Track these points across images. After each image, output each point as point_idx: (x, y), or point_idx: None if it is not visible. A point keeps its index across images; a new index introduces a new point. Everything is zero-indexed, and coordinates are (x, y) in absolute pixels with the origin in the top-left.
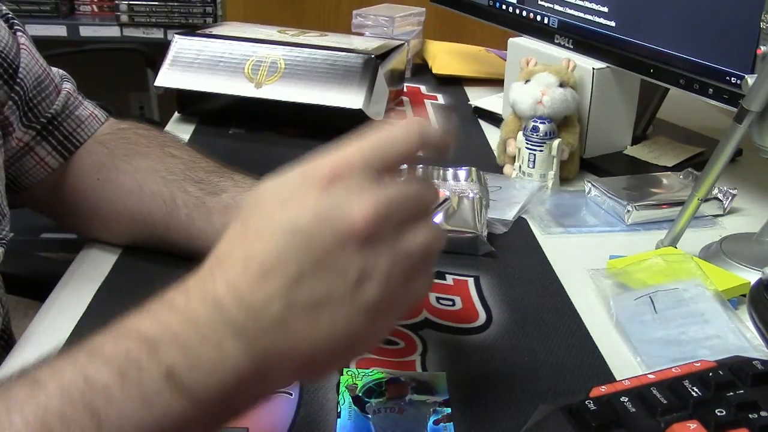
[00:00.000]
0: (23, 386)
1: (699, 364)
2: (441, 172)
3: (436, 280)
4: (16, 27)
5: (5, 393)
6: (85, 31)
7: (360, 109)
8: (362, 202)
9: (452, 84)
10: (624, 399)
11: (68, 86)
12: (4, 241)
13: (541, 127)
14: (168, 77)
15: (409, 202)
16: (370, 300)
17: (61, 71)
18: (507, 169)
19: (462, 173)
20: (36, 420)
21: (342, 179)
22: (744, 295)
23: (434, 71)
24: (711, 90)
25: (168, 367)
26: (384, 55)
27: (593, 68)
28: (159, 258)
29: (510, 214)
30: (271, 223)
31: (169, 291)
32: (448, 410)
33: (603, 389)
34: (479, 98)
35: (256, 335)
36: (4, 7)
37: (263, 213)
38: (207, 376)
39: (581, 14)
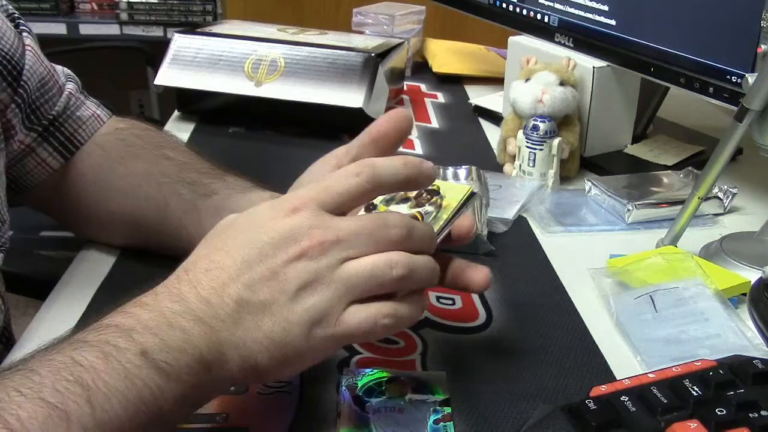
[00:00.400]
0: (16, 374)
1: (699, 364)
2: (440, 171)
3: None
4: (22, 27)
5: (1, 381)
6: (85, 29)
7: (360, 108)
8: (312, 228)
9: (452, 82)
10: (624, 398)
11: (71, 86)
12: (4, 247)
13: (542, 125)
14: (168, 75)
15: (358, 234)
16: (306, 310)
17: (66, 70)
18: (507, 167)
19: (462, 172)
20: (33, 393)
21: (300, 212)
22: (744, 294)
23: (434, 70)
24: (711, 89)
25: (142, 347)
26: (384, 54)
27: (593, 67)
28: (158, 258)
29: (510, 213)
30: (237, 239)
31: (139, 296)
32: (448, 410)
33: (603, 389)
34: (479, 97)
35: (214, 324)
36: (10, 7)
37: (231, 233)
38: (176, 355)
39: (582, 13)
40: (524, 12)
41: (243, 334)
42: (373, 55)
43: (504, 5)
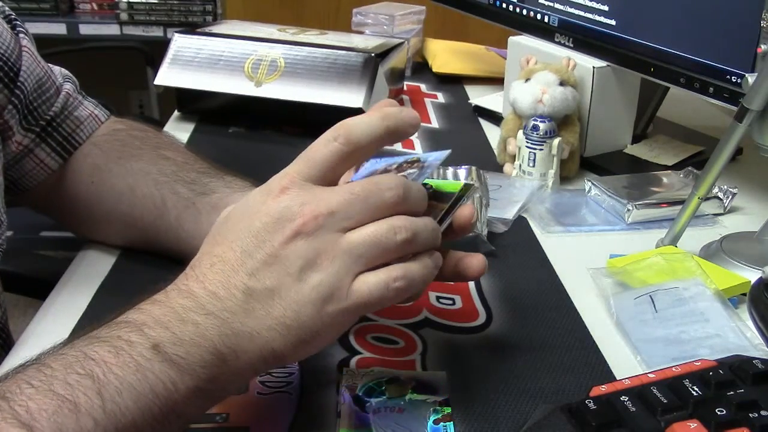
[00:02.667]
0: (29, 368)
1: (699, 363)
2: (440, 170)
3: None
4: (18, 28)
5: (14, 375)
6: (85, 30)
7: (360, 108)
8: (304, 204)
9: (452, 82)
10: (624, 398)
11: (68, 87)
12: (1, 248)
13: (542, 125)
14: (168, 75)
15: (352, 203)
16: (314, 288)
17: (64, 71)
18: (507, 167)
19: (462, 172)
20: (44, 386)
21: (289, 190)
22: (744, 294)
23: (434, 70)
24: (711, 89)
25: (154, 340)
26: (384, 54)
27: (593, 67)
28: (158, 258)
29: (510, 213)
30: (234, 230)
31: (152, 295)
32: (448, 409)
33: (603, 388)
34: (479, 97)
35: (225, 317)
36: (7, 8)
37: (229, 225)
38: (189, 348)
39: (582, 13)
40: (524, 12)
41: (255, 323)
42: (373, 55)
43: (504, 5)
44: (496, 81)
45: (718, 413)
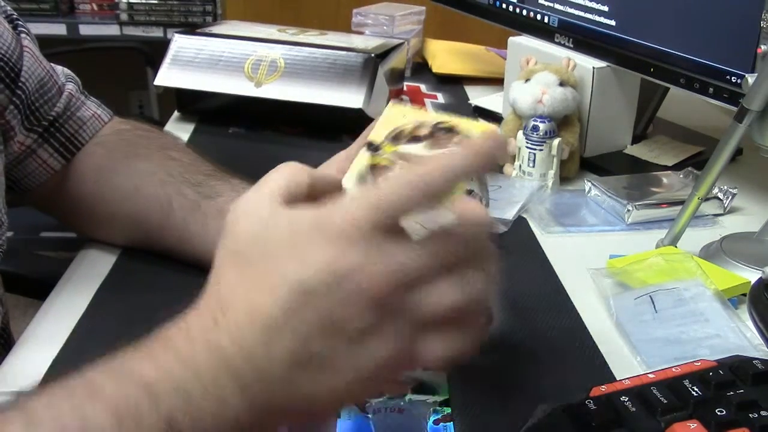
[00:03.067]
0: (17, 421)
1: (699, 364)
2: None
3: None
4: (20, 29)
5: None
6: (85, 30)
7: (360, 109)
8: (376, 268)
9: (452, 83)
10: (624, 398)
11: (71, 87)
12: (1, 249)
13: (541, 126)
14: (168, 76)
15: (432, 265)
16: (373, 362)
17: (66, 71)
18: (507, 168)
19: None
20: None
21: (356, 238)
22: (744, 295)
23: (434, 70)
24: (711, 89)
25: (168, 417)
26: (384, 54)
27: (593, 67)
28: (158, 258)
29: (510, 214)
30: (277, 274)
31: (169, 328)
32: (448, 410)
33: (603, 389)
34: (479, 97)
35: (260, 389)
36: (9, 8)
37: (269, 256)
38: (208, 427)
39: (581, 13)
40: (524, 12)
41: (294, 393)
42: (373, 55)
43: (504, 5)
44: (496, 81)
45: (718, 413)
